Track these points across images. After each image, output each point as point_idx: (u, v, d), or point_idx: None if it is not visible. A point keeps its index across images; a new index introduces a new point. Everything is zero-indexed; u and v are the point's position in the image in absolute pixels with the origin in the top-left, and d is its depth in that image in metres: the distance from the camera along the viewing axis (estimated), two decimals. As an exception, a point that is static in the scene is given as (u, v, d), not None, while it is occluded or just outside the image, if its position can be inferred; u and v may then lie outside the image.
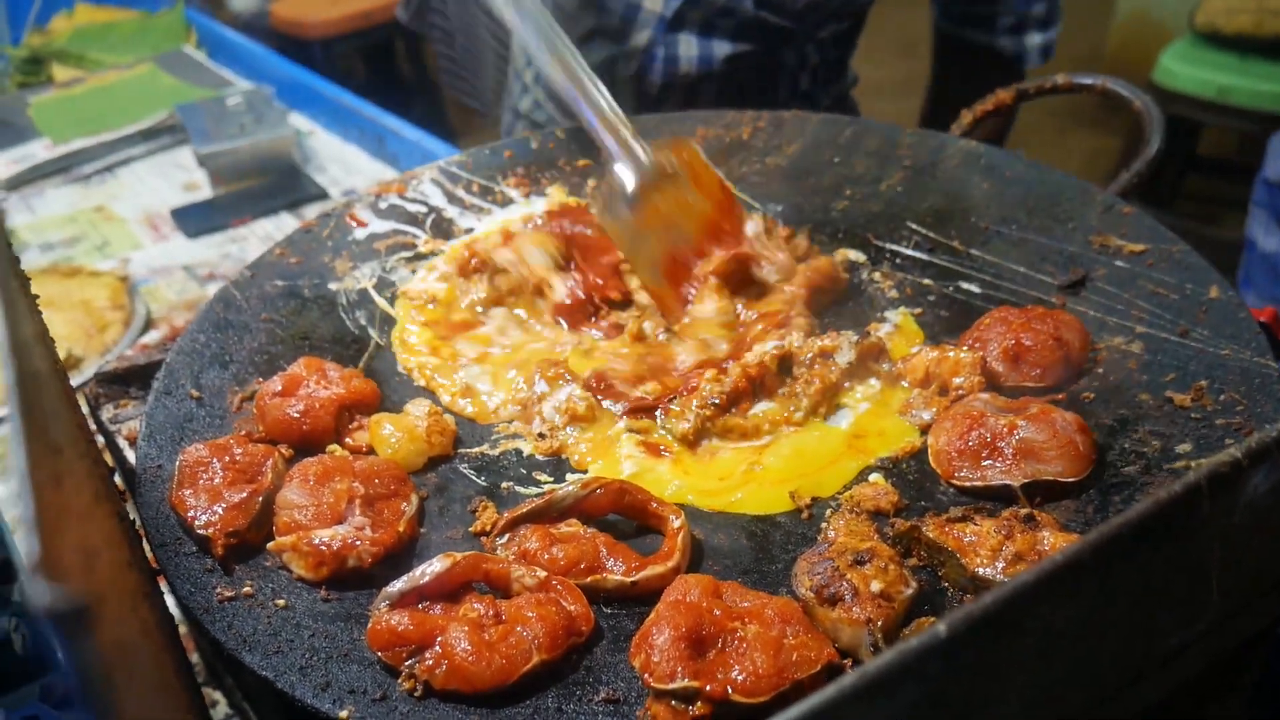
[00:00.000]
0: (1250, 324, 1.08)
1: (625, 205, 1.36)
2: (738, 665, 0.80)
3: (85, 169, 2.77)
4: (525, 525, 0.99)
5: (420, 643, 0.85)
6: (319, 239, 1.45)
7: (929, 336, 1.24)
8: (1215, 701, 0.92)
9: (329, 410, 1.12)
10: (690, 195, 1.39)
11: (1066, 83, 1.50)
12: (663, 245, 1.36)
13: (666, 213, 1.37)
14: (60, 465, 0.41)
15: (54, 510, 0.36)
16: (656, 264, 1.35)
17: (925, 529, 0.92)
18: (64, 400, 0.68)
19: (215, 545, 0.96)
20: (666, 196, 1.38)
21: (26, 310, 0.48)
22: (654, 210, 1.37)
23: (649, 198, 1.37)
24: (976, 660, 0.59)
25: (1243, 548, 0.73)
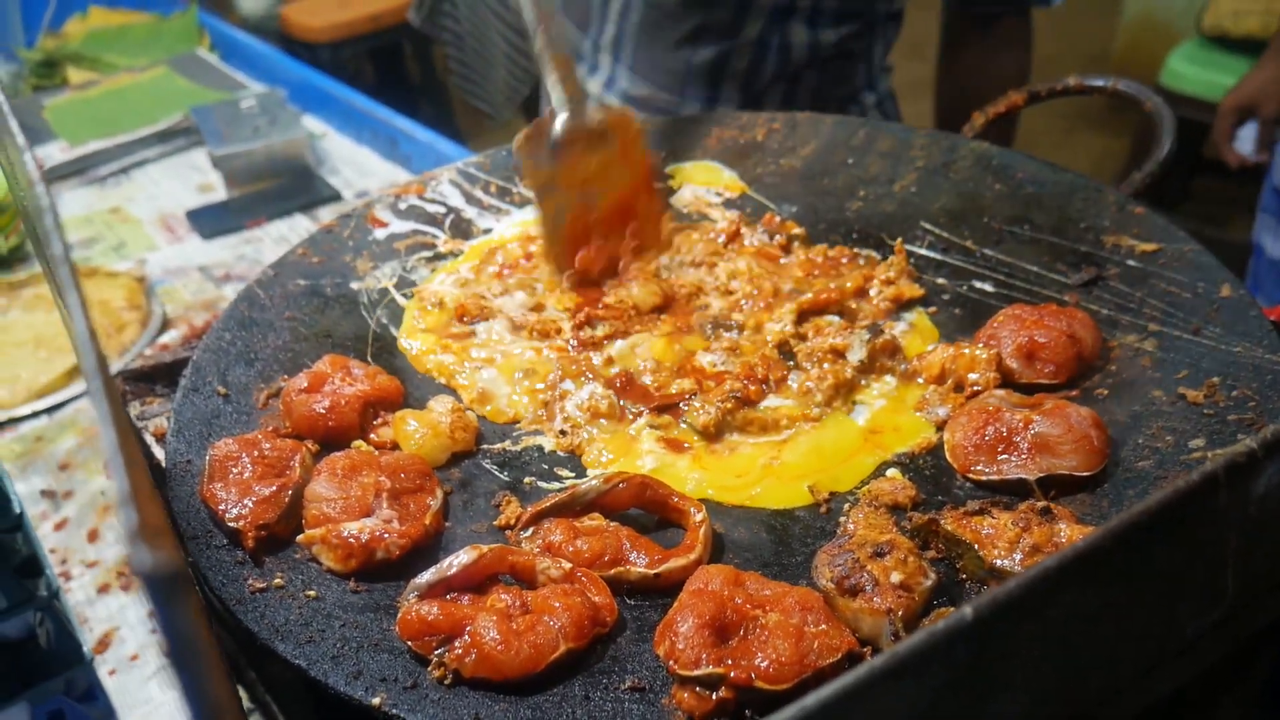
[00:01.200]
0: (1262, 322, 1.09)
1: (547, 149, 1.39)
2: (760, 653, 0.81)
3: (101, 171, 2.79)
4: (549, 519, 1.01)
5: (450, 632, 0.87)
6: (340, 239, 1.47)
7: (943, 335, 1.25)
8: (1228, 693, 0.94)
9: (354, 406, 1.14)
10: (614, 164, 1.42)
11: (1078, 84, 1.51)
12: (570, 200, 1.40)
13: (584, 171, 1.40)
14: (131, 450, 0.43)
15: (137, 488, 0.38)
16: (560, 215, 1.40)
17: (943, 522, 0.94)
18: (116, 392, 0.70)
19: (246, 538, 0.98)
20: (589, 156, 1.40)
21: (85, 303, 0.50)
22: (573, 163, 1.40)
23: (572, 150, 1.40)
24: (1001, 644, 0.60)
25: (1258, 539, 0.74)
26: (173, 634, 0.35)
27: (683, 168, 1.62)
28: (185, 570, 0.35)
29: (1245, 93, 2.77)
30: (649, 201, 1.47)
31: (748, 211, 1.52)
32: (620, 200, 1.43)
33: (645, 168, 1.47)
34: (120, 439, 0.40)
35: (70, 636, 1.40)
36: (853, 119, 1.63)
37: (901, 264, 1.34)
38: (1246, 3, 4.11)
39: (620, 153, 1.43)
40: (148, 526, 0.34)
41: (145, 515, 0.34)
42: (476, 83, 4.63)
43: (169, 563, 0.34)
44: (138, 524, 0.33)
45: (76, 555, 1.52)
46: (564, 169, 1.40)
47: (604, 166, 1.41)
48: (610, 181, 1.42)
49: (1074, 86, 1.52)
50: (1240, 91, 2.78)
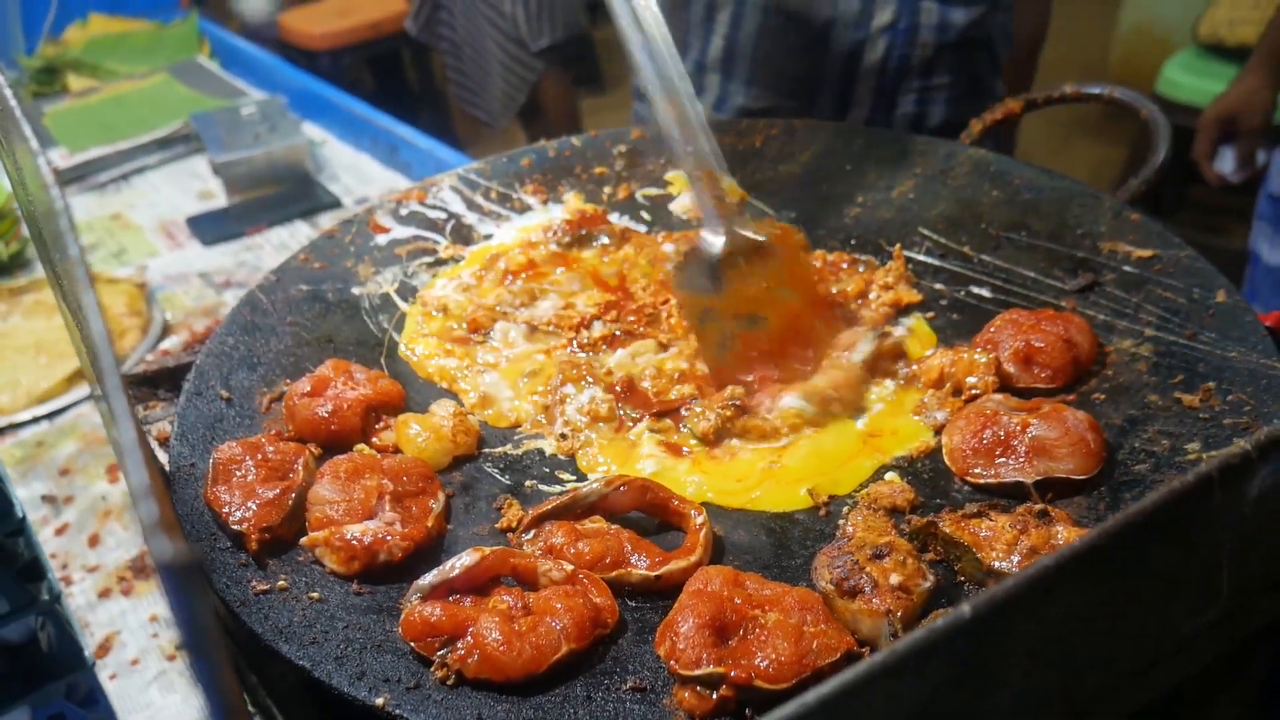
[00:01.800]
0: (1257, 327, 1.10)
1: (706, 274, 1.25)
2: (760, 652, 0.82)
3: (101, 177, 2.80)
4: (550, 521, 1.01)
5: (452, 633, 0.88)
6: (341, 244, 1.48)
7: (941, 340, 1.26)
8: (1225, 694, 0.95)
9: (356, 410, 1.15)
10: (779, 282, 1.27)
11: (1075, 92, 1.53)
12: (734, 326, 1.25)
13: (748, 294, 1.25)
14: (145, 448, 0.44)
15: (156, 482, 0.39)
16: (726, 343, 1.26)
17: (941, 524, 0.95)
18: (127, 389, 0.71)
19: (250, 540, 0.99)
20: (753, 276, 1.26)
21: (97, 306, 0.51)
22: (735, 287, 1.25)
23: (733, 271, 1.25)
24: (999, 642, 0.61)
25: (1253, 540, 0.75)
26: (190, 624, 0.36)
27: (681, 174, 1.63)
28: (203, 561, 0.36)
29: (1226, 105, 2.78)
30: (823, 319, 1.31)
31: (747, 218, 1.53)
32: (789, 322, 1.27)
33: (812, 283, 1.33)
34: (138, 434, 0.40)
35: (71, 641, 1.41)
36: (852, 125, 1.64)
37: (900, 269, 1.35)
38: (1242, 12, 4.13)
39: (785, 269, 1.28)
40: (166, 517, 0.35)
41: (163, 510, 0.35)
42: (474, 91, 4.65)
43: (188, 553, 0.35)
44: (158, 516, 0.34)
45: (77, 560, 1.53)
46: (727, 293, 1.25)
47: (768, 287, 1.26)
48: (776, 303, 1.26)
49: (1071, 94, 1.54)
50: (1221, 103, 2.79)
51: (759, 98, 2.05)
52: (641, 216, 1.57)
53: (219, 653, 0.38)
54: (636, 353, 1.27)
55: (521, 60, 4.33)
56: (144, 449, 0.41)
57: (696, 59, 2.10)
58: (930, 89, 2.00)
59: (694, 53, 2.10)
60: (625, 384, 1.21)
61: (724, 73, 2.08)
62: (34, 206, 0.78)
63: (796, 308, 1.27)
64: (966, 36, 1.96)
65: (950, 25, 1.94)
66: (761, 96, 2.05)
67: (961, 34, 1.95)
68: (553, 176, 1.64)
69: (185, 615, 0.35)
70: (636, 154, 1.68)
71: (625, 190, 1.61)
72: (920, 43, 1.94)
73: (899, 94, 2.00)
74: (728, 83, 2.08)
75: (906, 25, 1.94)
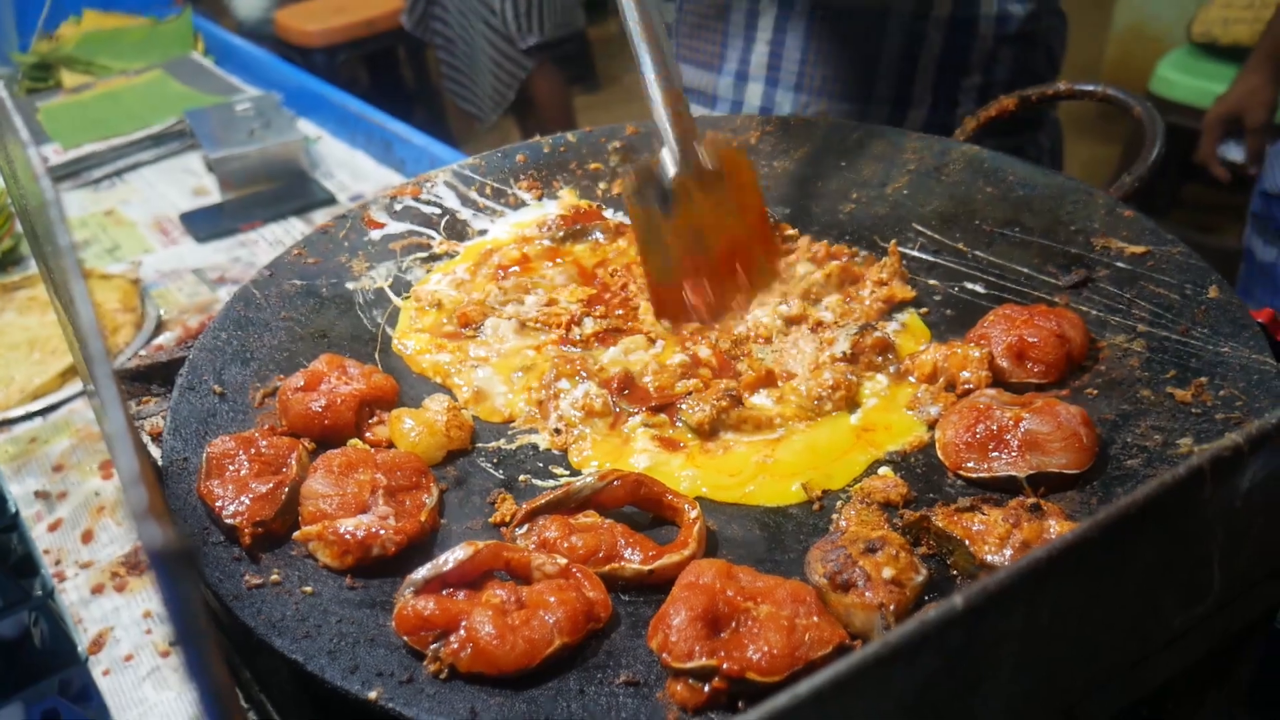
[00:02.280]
0: (1249, 323, 1.11)
1: (657, 194, 1.31)
2: (753, 645, 0.82)
3: (95, 174, 2.79)
4: (543, 516, 1.01)
5: (445, 627, 0.88)
6: (335, 240, 1.48)
7: (935, 335, 1.27)
8: (1214, 688, 0.95)
9: (350, 405, 1.15)
10: (727, 205, 1.33)
11: (1068, 89, 1.53)
12: (682, 246, 1.32)
13: (697, 215, 1.32)
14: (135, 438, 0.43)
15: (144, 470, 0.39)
16: (670, 263, 1.32)
17: (934, 518, 0.95)
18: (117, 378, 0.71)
19: (243, 535, 0.99)
20: (703, 200, 1.32)
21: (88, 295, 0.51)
22: (685, 208, 1.31)
23: (685, 194, 1.31)
24: (991, 633, 0.61)
25: (1243, 533, 0.75)
26: (180, 613, 0.36)
27: None
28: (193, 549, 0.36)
29: (1230, 104, 2.79)
30: (764, 240, 1.40)
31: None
32: (734, 241, 1.34)
33: (759, 206, 1.39)
34: (128, 424, 0.40)
35: (65, 637, 1.41)
36: (846, 122, 1.64)
37: (895, 265, 1.35)
38: (1235, 11, 4.14)
39: (734, 192, 1.34)
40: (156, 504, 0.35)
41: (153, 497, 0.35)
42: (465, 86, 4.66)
43: (178, 541, 0.35)
44: (148, 502, 0.34)
45: (71, 556, 1.53)
46: (677, 216, 1.32)
47: (717, 209, 1.32)
48: (723, 224, 1.33)
49: (1065, 91, 1.54)
50: (1225, 103, 2.80)
51: (808, 104, 1.98)
52: (636, 212, 1.57)
53: (209, 643, 0.38)
54: (628, 349, 1.27)
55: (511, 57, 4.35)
56: (133, 437, 0.41)
57: (737, 70, 2.03)
58: (992, 85, 1.92)
59: (733, 64, 2.03)
60: (622, 379, 1.21)
61: (768, 81, 2.00)
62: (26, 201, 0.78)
63: (741, 234, 1.34)
64: (1025, 31, 1.90)
65: (1010, 16, 1.87)
66: (811, 102, 1.98)
67: (1021, 26, 1.89)
68: (547, 172, 1.65)
69: (175, 604, 0.35)
70: (631, 150, 1.68)
71: (620, 186, 1.61)
72: (980, 34, 1.87)
73: (959, 92, 1.93)
74: (773, 91, 2.01)
75: (966, 16, 1.86)
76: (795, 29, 1.93)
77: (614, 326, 1.31)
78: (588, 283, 1.41)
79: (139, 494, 0.35)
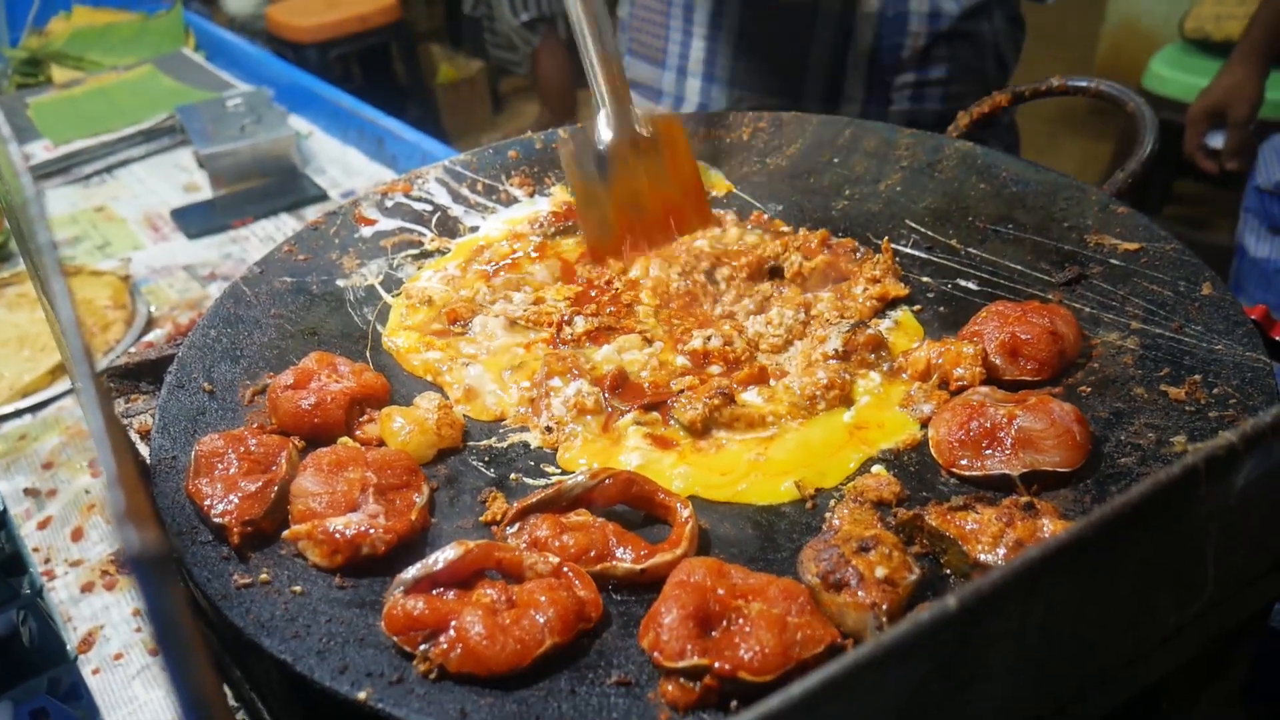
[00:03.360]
0: (1242, 320, 1.10)
1: (594, 160, 1.38)
2: (744, 644, 0.82)
3: (85, 170, 2.78)
4: (535, 514, 1.01)
5: (435, 627, 0.87)
6: (326, 236, 1.47)
7: (928, 333, 1.26)
8: (1209, 685, 0.95)
9: (340, 403, 1.14)
10: (662, 172, 1.40)
11: (1061, 85, 1.53)
12: (618, 211, 1.38)
13: (632, 180, 1.39)
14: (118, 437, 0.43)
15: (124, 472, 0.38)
16: (605, 226, 1.39)
17: (928, 517, 0.94)
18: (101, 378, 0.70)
19: (231, 534, 0.98)
20: (638, 164, 1.39)
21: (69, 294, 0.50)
22: (621, 173, 1.38)
23: (620, 160, 1.38)
24: (984, 633, 0.61)
25: (1238, 532, 0.75)
26: (159, 616, 0.35)
27: None
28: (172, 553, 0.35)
29: (1213, 98, 2.80)
30: (696, 206, 1.46)
31: (734, 210, 1.52)
32: (667, 204, 1.42)
33: (693, 173, 1.45)
34: (107, 424, 0.40)
35: (54, 635, 1.40)
36: (839, 118, 1.64)
37: (888, 263, 1.34)
38: (1228, 7, 4.14)
39: (668, 160, 1.42)
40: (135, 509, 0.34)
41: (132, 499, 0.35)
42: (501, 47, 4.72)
43: (157, 545, 0.34)
44: (125, 505, 0.33)
45: (60, 554, 1.52)
46: (612, 181, 1.39)
47: (651, 175, 1.40)
48: (658, 190, 1.41)
49: (1057, 87, 1.54)
50: (1208, 97, 2.81)
51: (742, 99, 2.04)
52: (628, 209, 1.57)
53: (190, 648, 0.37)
54: (622, 347, 1.26)
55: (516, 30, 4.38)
56: (115, 438, 0.40)
57: (678, 64, 2.08)
58: (926, 83, 1.96)
59: (674, 59, 2.08)
60: (615, 376, 1.20)
61: (705, 76, 2.06)
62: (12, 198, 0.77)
63: (674, 199, 1.41)
64: (962, 29, 1.92)
65: (942, 14, 1.90)
66: (745, 98, 2.04)
67: (955, 24, 1.91)
68: (539, 169, 1.64)
69: (155, 607, 0.34)
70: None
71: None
72: (912, 32, 1.90)
73: (892, 89, 1.96)
74: (709, 86, 2.07)
75: (895, 12, 1.90)
76: (730, 23, 1.98)
77: (605, 325, 1.31)
78: (569, 279, 1.41)
79: (118, 496, 0.34)
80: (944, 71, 1.96)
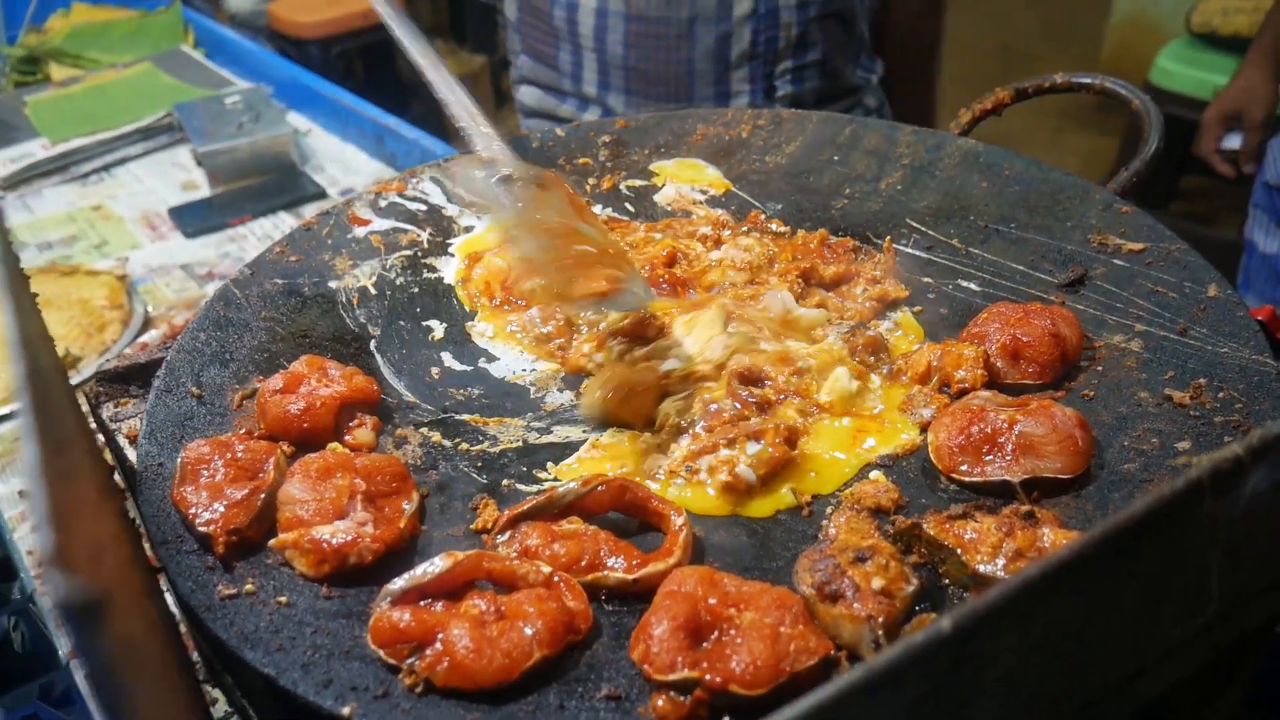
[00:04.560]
0: (1249, 322, 1.08)
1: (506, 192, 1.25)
2: (735, 655, 0.80)
3: (83, 168, 2.76)
4: (526, 522, 0.99)
5: (422, 639, 0.85)
6: (319, 237, 1.45)
7: (929, 334, 1.24)
8: (1214, 697, 0.93)
9: (329, 408, 1.12)
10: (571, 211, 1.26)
11: (1065, 82, 1.50)
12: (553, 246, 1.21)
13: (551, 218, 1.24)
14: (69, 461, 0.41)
15: (65, 504, 0.36)
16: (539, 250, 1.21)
17: (926, 526, 0.92)
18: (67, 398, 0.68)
19: (216, 543, 0.96)
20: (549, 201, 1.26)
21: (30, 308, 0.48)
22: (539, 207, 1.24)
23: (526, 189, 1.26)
24: (980, 655, 0.59)
25: (1243, 544, 0.73)
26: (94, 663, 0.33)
27: (665, 165, 1.60)
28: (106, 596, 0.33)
29: (1228, 102, 2.78)
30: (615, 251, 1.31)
31: (732, 209, 1.50)
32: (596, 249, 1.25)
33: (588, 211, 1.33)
34: (44, 455, 0.38)
35: (46, 641, 1.39)
36: (839, 115, 1.62)
37: (889, 263, 1.32)
38: (1235, 1, 4.11)
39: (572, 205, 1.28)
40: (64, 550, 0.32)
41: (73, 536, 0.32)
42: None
43: (84, 590, 0.32)
44: (54, 548, 0.31)
45: (52, 558, 1.50)
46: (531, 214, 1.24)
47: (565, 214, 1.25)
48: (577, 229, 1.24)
49: (1061, 84, 1.51)
50: (1223, 101, 2.79)
51: (640, 105, 2.14)
52: (626, 208, 1.55)
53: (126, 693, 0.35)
54: None
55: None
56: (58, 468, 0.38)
57: (572, 72, 2.17)
58: (805, 66, 2.09)
59: (567, 67, 2.17)
60: None
61: (600, 85, 2.15)
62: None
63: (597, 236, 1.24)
64: (832, 9, 2.06)
65: (809, 2, 2.02)
66: (642, 104, 2.13)
67: (823, 8, 2.04)
68: (535, 167, 1.61)
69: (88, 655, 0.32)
70: (621, 145, 1.65)
71: (609, 181, 1.59)
72: (784, 24, 2.02)
73: (775, 78, 2.09)
74: (606, 94, 2.16)
75: (766, 9, 2.00)
76: (614, 41, 2.07)
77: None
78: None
79: (48, 538, 0.32)
80: (819, 53, 2.09)
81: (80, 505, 0.39)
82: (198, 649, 1.35)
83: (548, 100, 2.30)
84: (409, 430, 1.16)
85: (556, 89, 2.27)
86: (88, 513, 0.38)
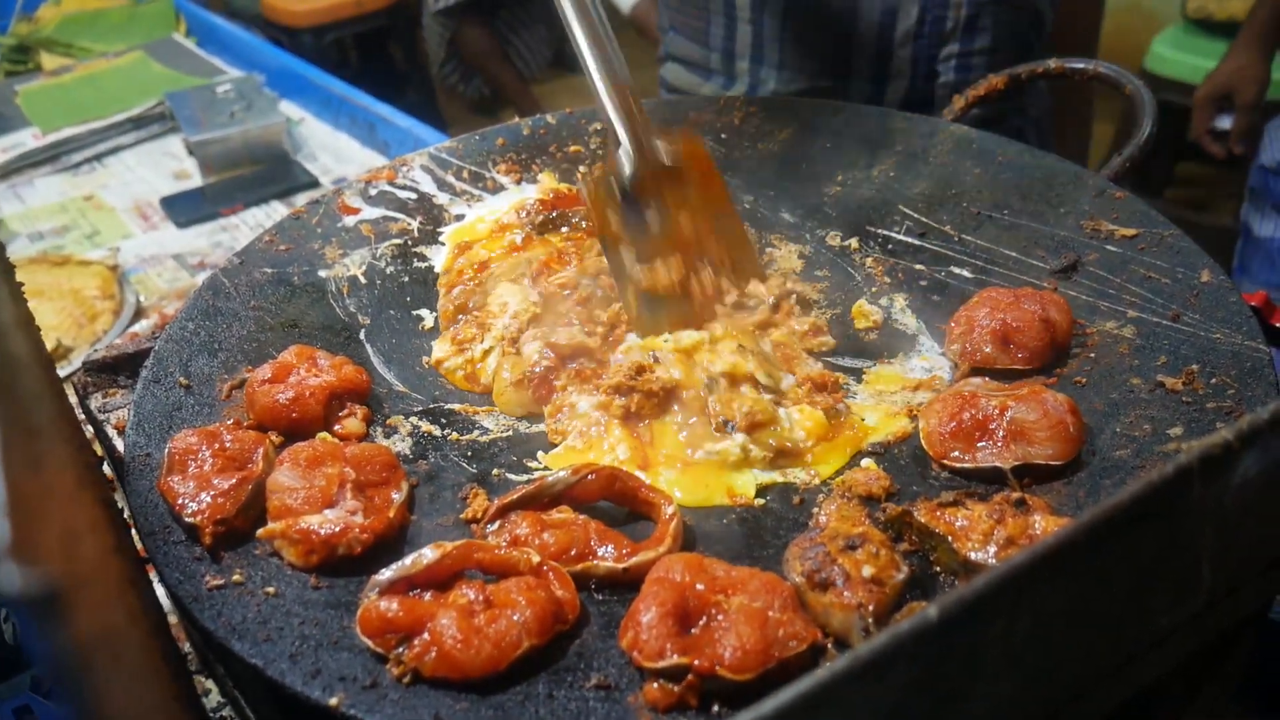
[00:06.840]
0: (1241, 308, 1.08)
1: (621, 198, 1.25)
2: (723, 640, 0.80)
3: (74, 158, 2.75)
4: (516, 511, 0.98)
5: (410, 629, 0.85)
6: (308, 226, 1.44)
7: (921, 320, 1.24)
8: (1205, 684, 0.93)
9: (319, 398, 1.11)
10: (691, 197, 1.27)
11: (1059, 68, 1.50)
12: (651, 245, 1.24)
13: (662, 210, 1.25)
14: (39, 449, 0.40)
15: (30, 493, 0.36)
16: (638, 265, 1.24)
17: (917, 514, 0.92)
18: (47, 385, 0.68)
19: (203, 533, 0.96)
20: (665, 192, 1.25)
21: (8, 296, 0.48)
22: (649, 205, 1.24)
23: (647, 195, 1.24)
24: (968, 642, 0.59)
25: (1233, 530, 0.73)
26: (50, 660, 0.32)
27: None
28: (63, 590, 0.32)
29: (1219, 82, 2.77)
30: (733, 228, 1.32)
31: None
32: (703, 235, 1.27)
33: (723, 193, 1.32)
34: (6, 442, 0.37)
35: (35, 632, 1.38)
36: (831, 102, 1.61)
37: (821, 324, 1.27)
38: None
39: (698, 184, 1.28)
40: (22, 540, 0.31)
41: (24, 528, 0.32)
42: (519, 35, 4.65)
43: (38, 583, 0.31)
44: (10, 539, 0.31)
45: (43, 549, 1.50)
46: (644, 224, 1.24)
47: (682, 202, 1.26)
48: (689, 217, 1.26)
49: (1055, 69, 1.51)
50: (1214, 81, 2.79)
51: (791, 80, 2.01)
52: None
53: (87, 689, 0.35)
54: None
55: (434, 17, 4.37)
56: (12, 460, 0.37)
57: (723, 46, 2.05)
58: (971, 53, 1.94)
59: (718, 40, 2.05)
60: None
61: (754, 59, 2.03)
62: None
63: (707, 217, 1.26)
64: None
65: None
66: (794, 79, 2.01)
67: None
68: (526, 156, 1.61)
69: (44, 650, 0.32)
70: (613, 132, 1.64)
71: (600, 170, 1.57)
72: (954, 3, 1.88)
73: (938, 62, 1.95)
74: (758, 69, 2.04)
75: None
76: (773, 11, 1.95)
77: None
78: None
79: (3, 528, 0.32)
80: (988, 40, 1.93)
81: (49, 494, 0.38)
82: (189, 639, 1.35)
83: (691, 79, 2.18)
84: (399, 420, 1.15)
85: (703, 67, 2.13)
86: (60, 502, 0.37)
